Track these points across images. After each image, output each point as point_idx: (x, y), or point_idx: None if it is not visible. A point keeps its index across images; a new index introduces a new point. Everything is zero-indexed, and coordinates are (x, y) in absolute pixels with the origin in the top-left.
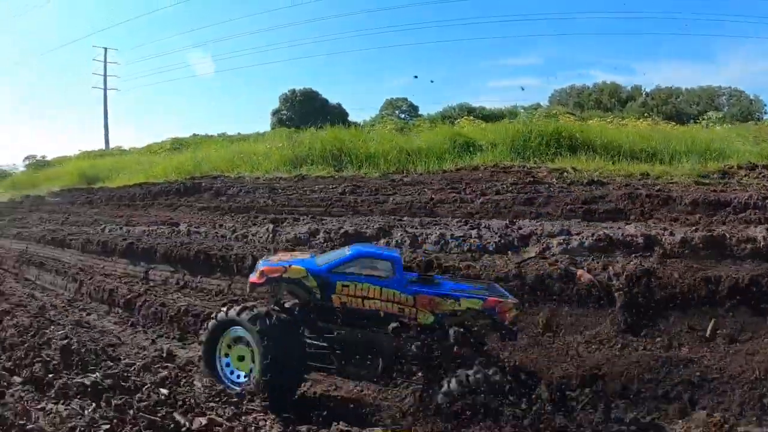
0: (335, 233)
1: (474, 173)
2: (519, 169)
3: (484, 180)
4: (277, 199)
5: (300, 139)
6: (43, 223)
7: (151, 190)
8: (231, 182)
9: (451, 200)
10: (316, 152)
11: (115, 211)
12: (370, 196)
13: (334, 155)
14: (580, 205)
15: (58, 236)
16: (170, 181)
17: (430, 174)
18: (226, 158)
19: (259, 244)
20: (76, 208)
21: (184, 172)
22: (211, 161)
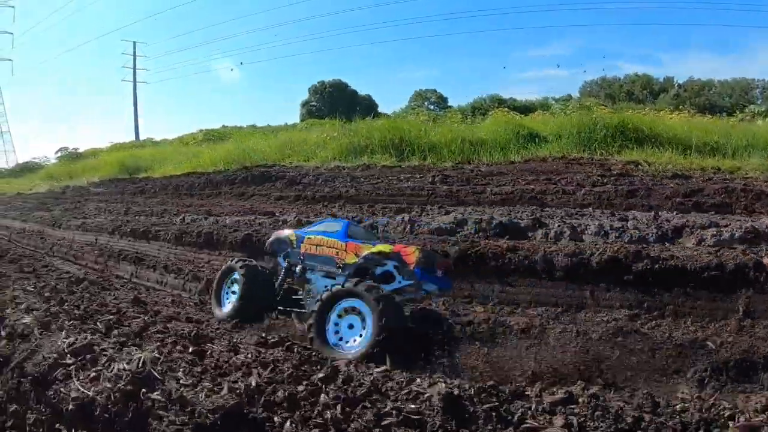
0: (486, 223)
1: (544, 164)
2: (587, 160)
3: (559, 171)
4: (360, 188)
5: (355, 129)
6: (103, 213)
7: (213, 179)
8: (301, 171)
9: (551, 191)
10: (376, 142)
11: (177, 200)
12: (463, 185)
13: (395, 145)
14: (684, 198)
15: (139, 227)
16: (233, 171)
17: (499, 165)
18: (275, 148)
19: (395, 234)
20: (129, 198)
21: (233, 161)
22: (260, 151)
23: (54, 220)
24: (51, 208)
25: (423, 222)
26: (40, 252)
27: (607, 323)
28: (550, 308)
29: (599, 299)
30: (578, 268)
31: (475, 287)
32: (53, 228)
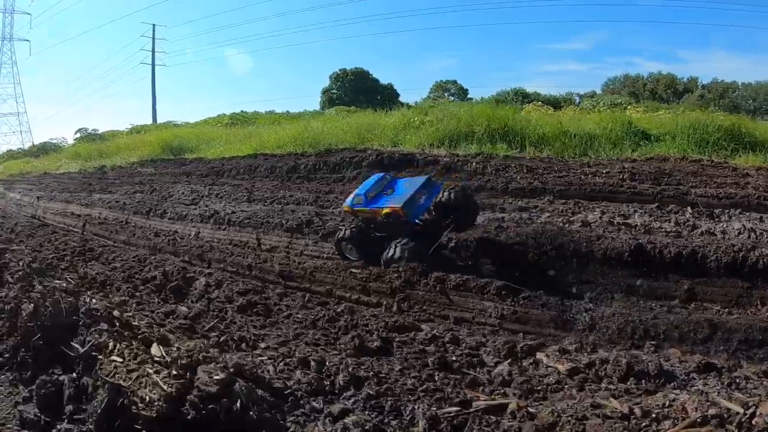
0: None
1: (668, 164)
2: (709, 162)
3: (697, 173)
4: (547, 181)
5: (451, 113)
6: (203, 197)
7: (305, 164)
8: (413, 158)
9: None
10: (482, 129)
11: (269, 184)
12: (654, 185)
13: (501, 134)
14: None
15: (286, 221)
16: (351, 152)
17: (620, 161)
18: (351, 131)
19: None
20: (202, 180)
21: (304, 144)
22: (334, 134)
23: (137, 207)
24: (107, 189)
25: (701, 226)
26: (167, 256)
27: None
28: None
29: None
30: None
31: None
32: (145, 217)
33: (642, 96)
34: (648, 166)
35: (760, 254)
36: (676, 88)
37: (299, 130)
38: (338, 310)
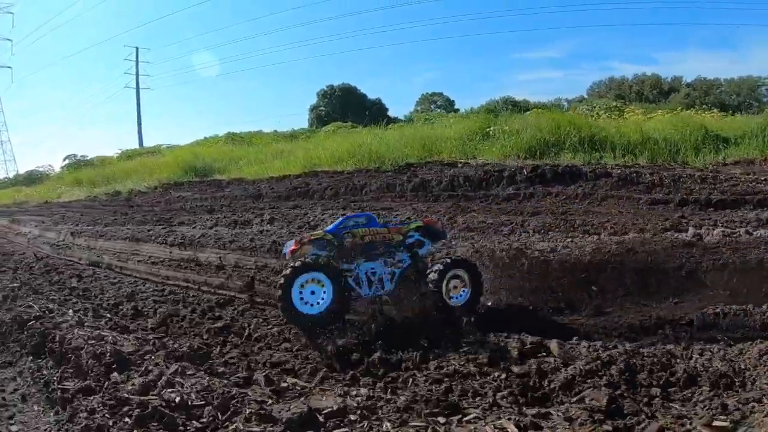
0: None
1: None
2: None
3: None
4: (728, 190)
5: (529, 122)
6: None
7: (398, 180)
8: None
9: None
10: (572, 137)
11: (380, 204)
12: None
13: (591, 142)
14: None
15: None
16: (415, 165)
17: (719, 165)
18: (408, 143)
19: None
20: (276, 203)
21: (364, 158)
22: (394, 147)
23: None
24: (167, 219)
25: None
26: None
27: None
28: None
29: None
30: None
31: None
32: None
33: (628, 98)
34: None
35: None
36: (661, 88)
37: (353, 144)
38: None
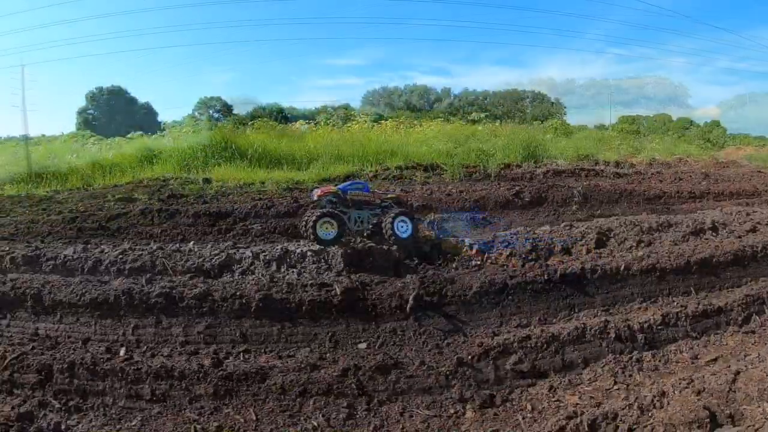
0: None
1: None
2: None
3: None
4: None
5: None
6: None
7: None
8: None
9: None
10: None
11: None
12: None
13: None
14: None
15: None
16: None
17: None
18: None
19: None
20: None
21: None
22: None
23: None
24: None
25: None
26: None
27: None
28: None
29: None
30: None
31: None
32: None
33: (397, 106)
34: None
35: None
36: (429, 98)
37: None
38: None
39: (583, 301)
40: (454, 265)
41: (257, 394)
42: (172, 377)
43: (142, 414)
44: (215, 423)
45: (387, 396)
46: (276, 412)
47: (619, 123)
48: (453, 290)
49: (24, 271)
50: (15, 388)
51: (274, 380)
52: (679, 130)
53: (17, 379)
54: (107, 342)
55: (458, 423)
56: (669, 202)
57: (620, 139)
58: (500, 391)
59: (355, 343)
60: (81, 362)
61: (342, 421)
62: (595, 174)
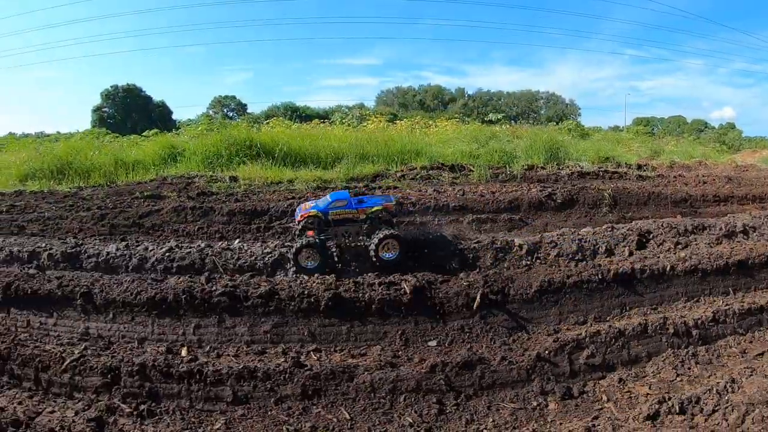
0: None
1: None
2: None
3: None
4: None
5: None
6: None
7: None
8: None
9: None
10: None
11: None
12: None
13: None
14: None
15: None
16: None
17: None
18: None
19: None
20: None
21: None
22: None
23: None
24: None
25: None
26: None
27: None
28: None
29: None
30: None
31: None
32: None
33: (411, 106)
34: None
35: None
36: (443, 98)
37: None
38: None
39: (633, 299)
40: (506, 264)
41: (347, 393)
42: (254, 377)
43: (224, 416)
44: (308, 423)
45: (473, 391)
46: (368, 411)
47: (634, 125)
48: (514, 289)
49: (63, 268)
50: (76, 392)
51: (362, 378)
52: (694, 132)
53: (78, 382)
54: (166, 342)
55: (543, 414)
56: (695, 205)
57: (639, 142)
58: (575, 383)
59: (425, 341)
60: (153, 364)
61: (434, 417)
62: (618, 176)
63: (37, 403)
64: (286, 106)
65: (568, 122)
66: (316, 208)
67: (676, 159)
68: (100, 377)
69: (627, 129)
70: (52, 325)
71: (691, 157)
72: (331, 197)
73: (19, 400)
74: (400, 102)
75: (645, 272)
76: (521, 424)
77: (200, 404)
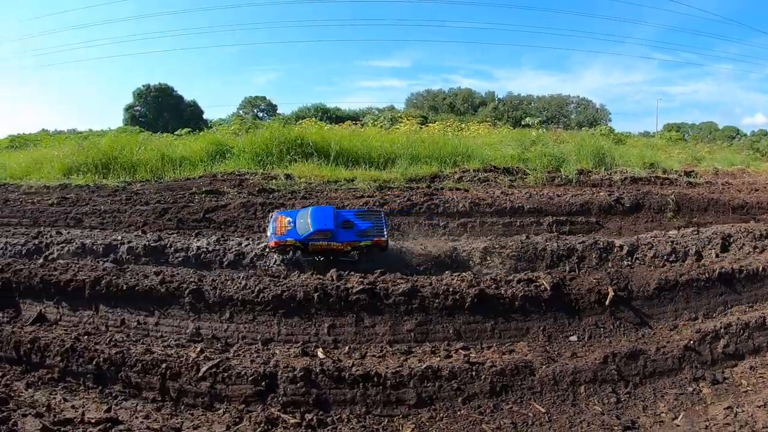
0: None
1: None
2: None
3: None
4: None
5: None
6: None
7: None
8: None
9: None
10: None
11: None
12: None
13: None
14: None
15: None
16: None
17: None
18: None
19: None
20: None
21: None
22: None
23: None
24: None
25: None
26: None
27: None
28: None
29: None
30: None
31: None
32: None
33: (441, 109)
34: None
35: None
36: (473, 102)
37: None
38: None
39: (733, 297)
40: (609, 264)
41: (532, 387)
42: (439, 377)
43: (409, 420)
44: (506, 420)
45: (639, 380)
46: (558, 403)
47: (665, 130)
48: (636, 286)
49: (145, 263)
50: (217, 402)
51: (544, 372)
52: (726, 139)
53: (221, 391)
54: (297, 343)
55: (701, 398)
56: (751, 212)
57: (679, 148)
58: (716, 370)
59: (566, 336)
60: (321, 369)
61: (614, 404)
62: (669, 183)
63: (168, 416)
64: (316, 107)
65: (601, 127)
66: (293, 237)
67: (718, 166)
68: (251, 385)
69: (660, 135)
70: (154, 325)
71: (731, 164)
72: (313, 224)
73: (143, 412)
74: (430, 105)
75: (742, 272)
76: (687, 407)
77: (378, 409)
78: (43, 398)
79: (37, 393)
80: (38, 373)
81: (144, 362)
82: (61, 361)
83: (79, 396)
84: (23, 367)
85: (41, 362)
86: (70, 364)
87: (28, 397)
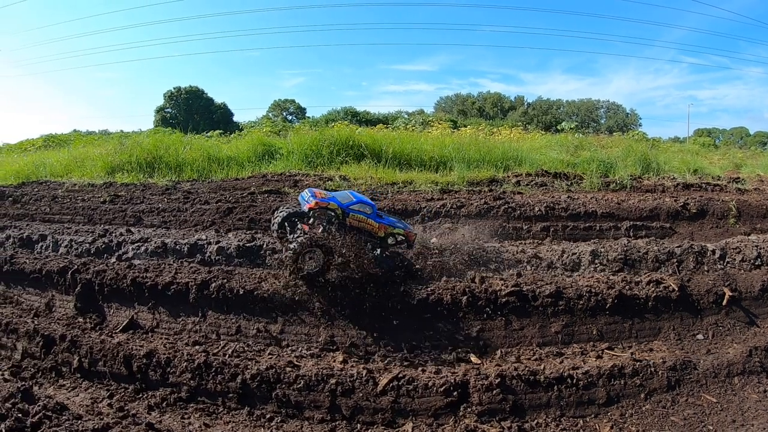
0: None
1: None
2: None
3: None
4: None
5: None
6: None
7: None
8: None
9: None
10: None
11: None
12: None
13: None
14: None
15: None
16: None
17: None
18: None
19: None
20: None
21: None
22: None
23: None
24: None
25: None
26: None
27: None
28: None
29: None
30: None
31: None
32: None
33: (470, 113)
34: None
35: None
36: (502, 106)
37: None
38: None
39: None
40: (705, 267)
41: (698, 381)
42: (623, 375)
43: (605, 419)
44: (687, 411)
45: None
46: (722, 393)
47: (695, 135)
48: (743, 287)
49: (238, 264)
50: (400, 417)
51: (704, 366)
52: (757, 145)
53: (406, 405)
54: (447, 349)
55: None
56: None
57: (719, 155)
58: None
59: (693, 334)
60: (516, 374)
61: (762, 393)
62: (720, 189)
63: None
64: (346, 111)
65: (634, 132)
66: (335, 201)
67: (760, 173)
68: (442, 396)
69: (693, 140)
70: (277, 333)
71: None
72: (355, 197)
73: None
74: (459, 109)
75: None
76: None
77: (571, 411)
78: (176, 423)
79: (164, 417)
80: (159, 392)
81: (306, 378)
82: (191, 379)
83: (222, 419)
84: (136, 385)
85: (163, 379)
86: (204, 382)
87: (155, 421)
